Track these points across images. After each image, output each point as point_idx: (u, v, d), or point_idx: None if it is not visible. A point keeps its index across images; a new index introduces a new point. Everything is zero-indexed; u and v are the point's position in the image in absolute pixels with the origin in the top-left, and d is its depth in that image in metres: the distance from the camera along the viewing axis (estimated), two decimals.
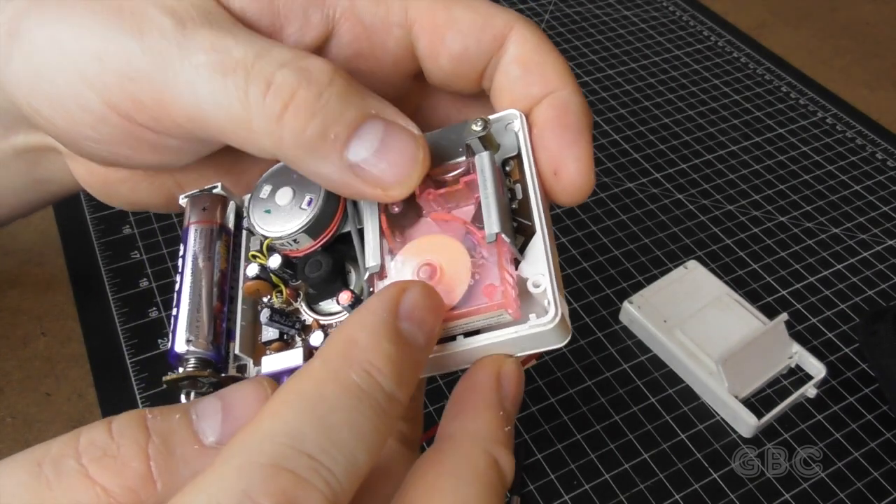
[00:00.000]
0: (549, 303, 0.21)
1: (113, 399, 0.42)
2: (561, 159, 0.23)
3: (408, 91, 0.28)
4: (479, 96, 0.27)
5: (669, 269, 0.49)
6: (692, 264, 0.49)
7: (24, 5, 0.24)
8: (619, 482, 0.40)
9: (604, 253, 0.51)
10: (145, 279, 0.48)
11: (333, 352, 0.18)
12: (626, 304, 0.47)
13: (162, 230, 0.50)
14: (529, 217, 0.23)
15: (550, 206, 0.26)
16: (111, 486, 0.17)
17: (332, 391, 0.17)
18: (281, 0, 0.24)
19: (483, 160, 0.23)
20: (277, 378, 0.23)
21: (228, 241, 0.26)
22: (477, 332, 0.22)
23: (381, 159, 0.22)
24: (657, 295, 0.47)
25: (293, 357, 0.24)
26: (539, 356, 0.45)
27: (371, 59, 0.26)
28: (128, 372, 0.43)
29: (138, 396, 0.42)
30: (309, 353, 0.24)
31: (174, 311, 0.25)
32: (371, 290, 0.23)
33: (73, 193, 0.34)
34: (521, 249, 0.23)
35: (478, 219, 0.22)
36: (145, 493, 0.18)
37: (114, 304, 0.46)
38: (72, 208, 0.52)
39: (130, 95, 0.22)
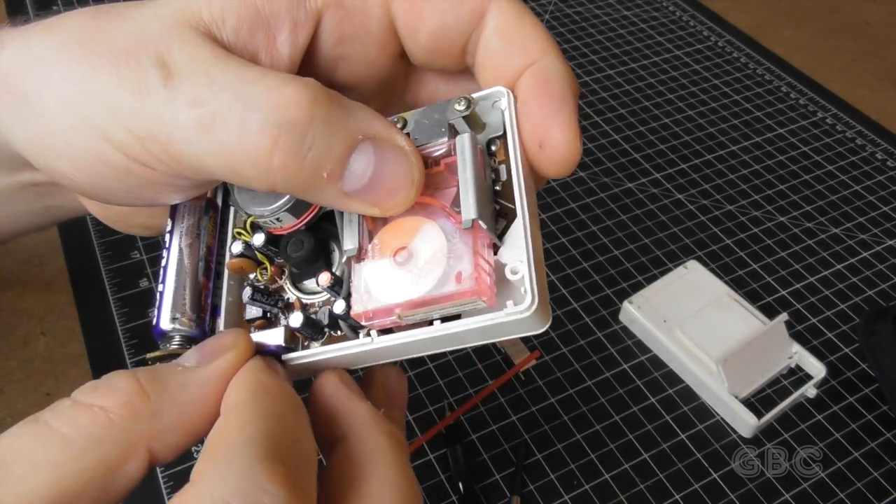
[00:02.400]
0: (525, 290, 0.21)
1: None
2: (545, 130, 0.23)
3: (394, 71, 0.27)
4: (466, 72, 0.27)
5: (669, 269, 0.49)
6: (692, 264, 0.49)
7: (21, 59, 0.23)
8: (619, 482, 0.40)
9: (604, 253, 0.51)
10: (145, 279, 0.48)
11: (252, 385, 0.22)
12: (626, 304, 0.47)
13: None
14: (512, 200, 0.22)
15: (540, 183, 0.25)
16: (107, 403, 0.19)
17: (272, 403, 0.21)
18: (267, 9, 0.24)
19: (464, 142, 0.23)
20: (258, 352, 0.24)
21: (216, 216, 0.26)
22: (457, 316, 0.22)
23: (376, 185, 0.22)
24: (657, 295, 0.47)
25: (274, 336, 0.24)
26: (538, 356, 0.45)
27: (356, 43, 0.26)
28: None
29: None
30: (290, 334, 0.24)
31: (160, 287, 0.25)
32: (350, 272, 0.23)
33: (83, 216, 0.34)
34: (503, 233, 0.22)
35: (458, 202, 0.22)
36: (139, 403, 0.20)
37: (114, 304, 0.46)
38: None
39: (147, 150, 0.22)
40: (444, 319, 0.22)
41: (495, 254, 0.22)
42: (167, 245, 0.25)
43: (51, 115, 0.23)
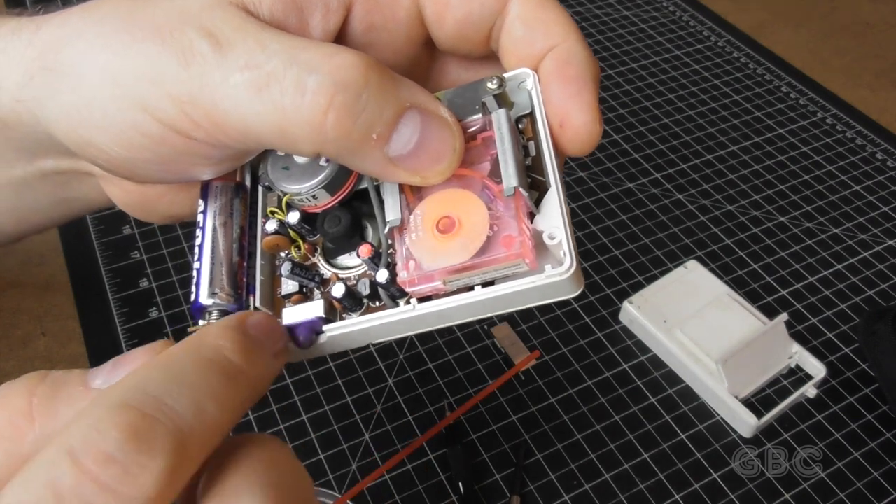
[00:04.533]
0: (564, 254, 0.22)
1: None
2: (565, 111, 0.24)
3: (419, 58, 0.28)
4: (489, 58, 0.27)
5: (669, 269, 0.49)
6: (692, 264, 0.49)
7: (59, 37, 0.24)
8: (619, 482, 0.40)
9: (604, 253, 0.51)
10: (145, 279, 0.48)
11: (189, 339, 0.21)
12: (626, 304, 0.47)
13: (162, 230, 0.50)
14: (543, 173, 0.24)
15: (559, 162, 0.26)
16: None
17: (183, 355, 0.20)
18: None
19: (500, 117, 0.24)
20: (295, 328, 0.24)
21: (246, 198, 0.27)
22: (493, 283, 0.23)
23: (420, 152, 0.23)
24: (657, 295, 0.47)
25: (315, 308, 0.25)
26: (538, 356, 0.45)
27: (384, 31, 0.26)
28: None
29: None
30: (330, 304, 0.25)
31: (196, 265, 0.25)
32: (391, 243, 0.24)
33: (102, 209, 0.34)
34: (537, 204, 0.23)
35: (494, 174, 0.23)
36: (25, 426, 0.20)
37: (114, 304, 0.46)
38: None
39: (188, 116, 0.23)
40: (484, 285, 0.23)
41: (531, 222, 0.23)
42: (201, 225, 0.26)
43: (89, 86, 0.23)
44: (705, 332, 0.44)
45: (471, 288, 0.23)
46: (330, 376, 0.43)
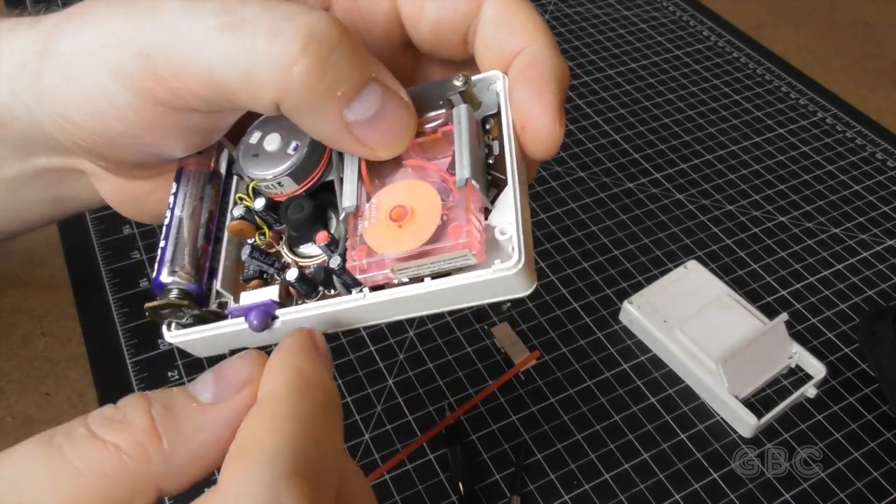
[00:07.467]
0: (513, 249, 0.22)
1: (113, 399, 0.41)
2: (526, 113, 0.24)
3: (401, 60, 0.29)
4: (470, 62, 0.28)
5: (669, 269, 0.49)
6: (692, 264, 0.49)
7: (53, 22, 0.25)
8: (619, 482, 0.40)
9: (604, 253, 0.51)
10: (145, 279, 0.48)
11: (292, 377, 0.21)
12: (626, 304, 0.47)
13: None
14: (504, 172, 0.24)
15: (532, 173, 0.27)
16: (120, 442, 0.19)
17: (306, 406, 0.20)
18: None
19: (461, 111, 0.24)
20: (249, 310, 0.25)
21: (219, 185, 0.28)
22: (447, 275, 0.23)
23: (377, 123, 0.23)
24: (657, 295, 0.47)
25: (270, 292, 0.25)
26: (538, 356, 0.45)
27: (364, 32, 0.27)
28: (128, 372, 0.43)
29: None
30: (286, 289, 0.25)
31: (161, 244, 0.26)
32: (347, 230, 0.24)
33: (94, 208, 0.34)
34: (494, 201, 0.23)
35: (452, 168, 0.23)
36: (152, 446, 0.19)
37: (114, 304, 0.46)
38: None
39: (149, 72, 0.23)
40: (434, 277, 0.23)
41: (486, 218, 0.23)
42: (171, 206, 0.26)
43: (67, 62, 0.24)
44: (705, 332, 0.44)
45: (421, 279, 0.23)
46: None
